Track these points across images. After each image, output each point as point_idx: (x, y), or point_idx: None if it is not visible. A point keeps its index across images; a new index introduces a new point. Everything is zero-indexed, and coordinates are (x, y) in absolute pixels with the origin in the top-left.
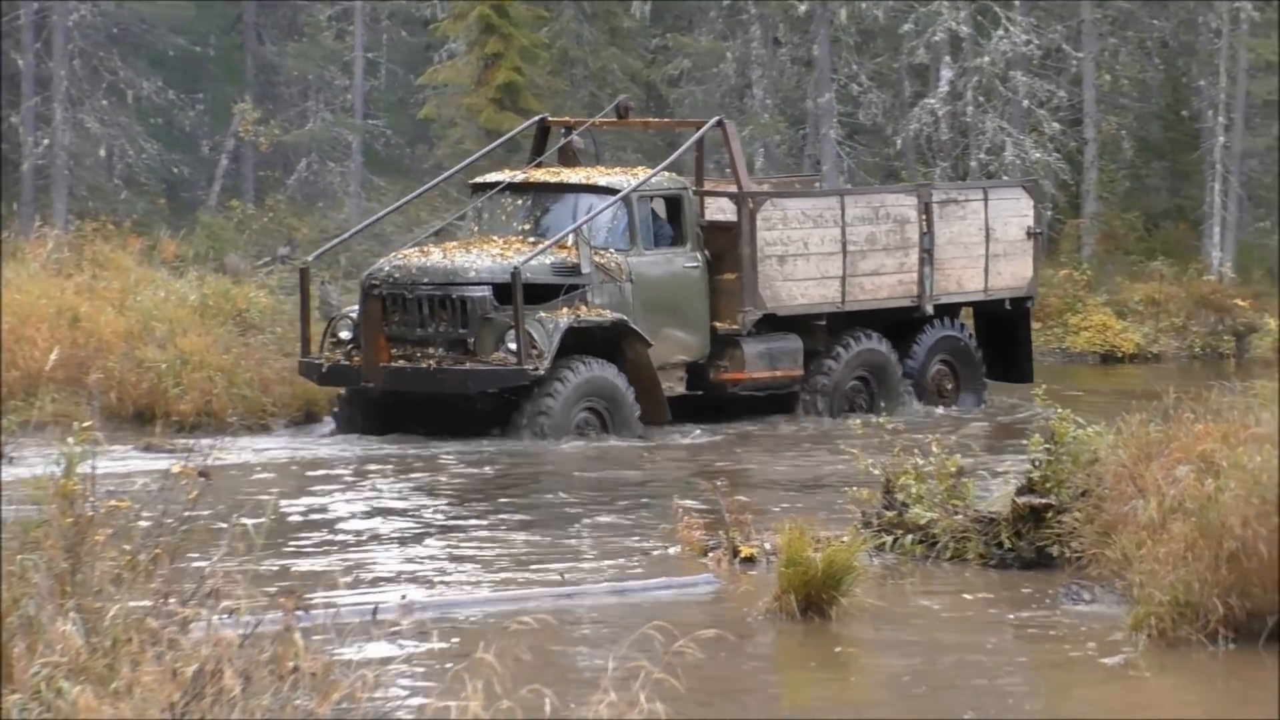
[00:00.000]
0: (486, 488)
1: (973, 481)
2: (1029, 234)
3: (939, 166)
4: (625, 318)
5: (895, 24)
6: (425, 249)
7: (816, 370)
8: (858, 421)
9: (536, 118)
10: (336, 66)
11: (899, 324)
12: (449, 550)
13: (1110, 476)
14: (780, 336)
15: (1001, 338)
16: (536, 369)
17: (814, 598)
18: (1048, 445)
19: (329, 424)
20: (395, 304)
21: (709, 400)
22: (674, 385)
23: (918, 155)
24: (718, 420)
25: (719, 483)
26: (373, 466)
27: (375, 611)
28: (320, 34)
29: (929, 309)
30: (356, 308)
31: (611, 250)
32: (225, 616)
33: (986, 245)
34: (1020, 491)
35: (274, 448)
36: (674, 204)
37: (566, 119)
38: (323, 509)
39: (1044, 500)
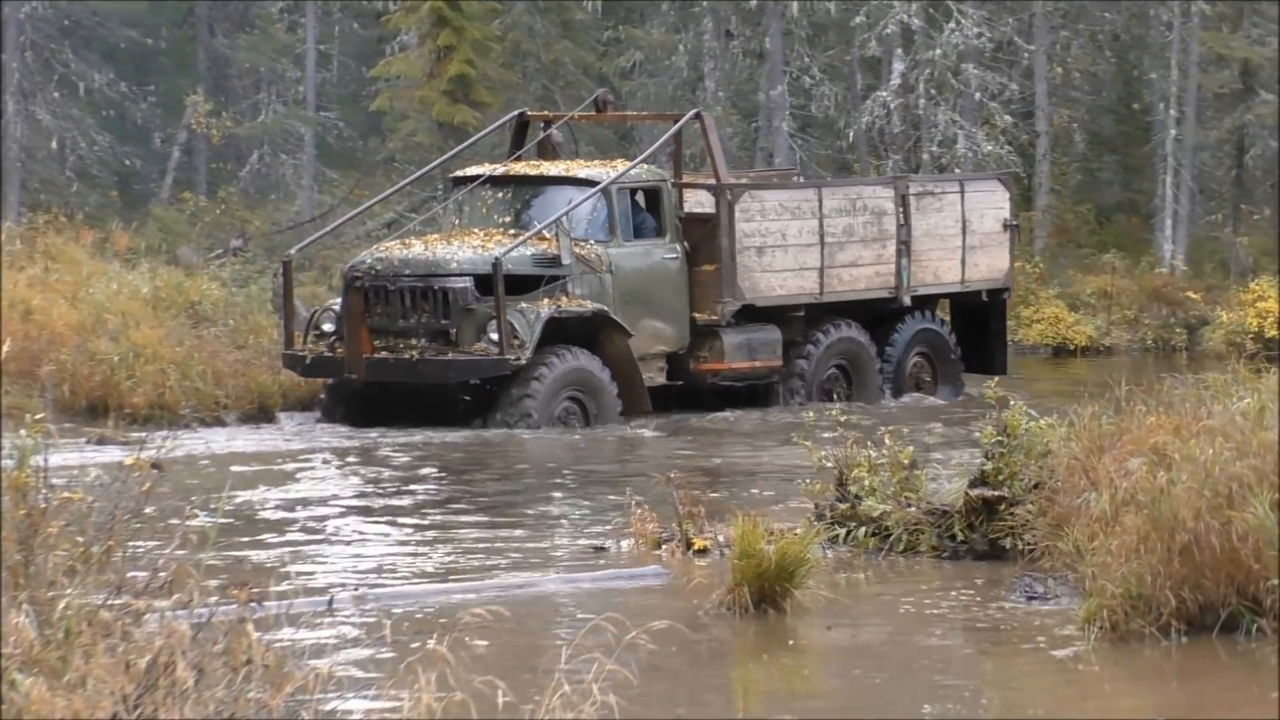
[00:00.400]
0: (448, 478)
1: (925, 474)
2: (1005, 226)
3: (891, 159)
4: (605, 308)
5: (847, 17)
6: (407, 241)
7: (794, 359)
8: (809, 414)
9: (515, 113)
10: (288, 59)
11: (878, 316)
12: (403, 541)
13: (1063, 469)
14: (759, 327)
15: (975, 329)
16: (518, 359)
17: (767, 590)
18: (1000, 438)
19: (293, 418)
20: (378, 296)
21: (686, 391)
22: (654, 376)
23: (870, 148)
24: (695, 410)
25: (671, 475)
26: (339, 457)
27: (331, 603)
28: (272, 26)
29: (907, 300)
30: (339, 300)
31: (591, 242)
32: (181, 610)
33: (963, 237)
34: (973, 484)
35: (245, 439)
36: (653, 196)
37: (545, 113)
38: (284, 500)
39: (996, 493)
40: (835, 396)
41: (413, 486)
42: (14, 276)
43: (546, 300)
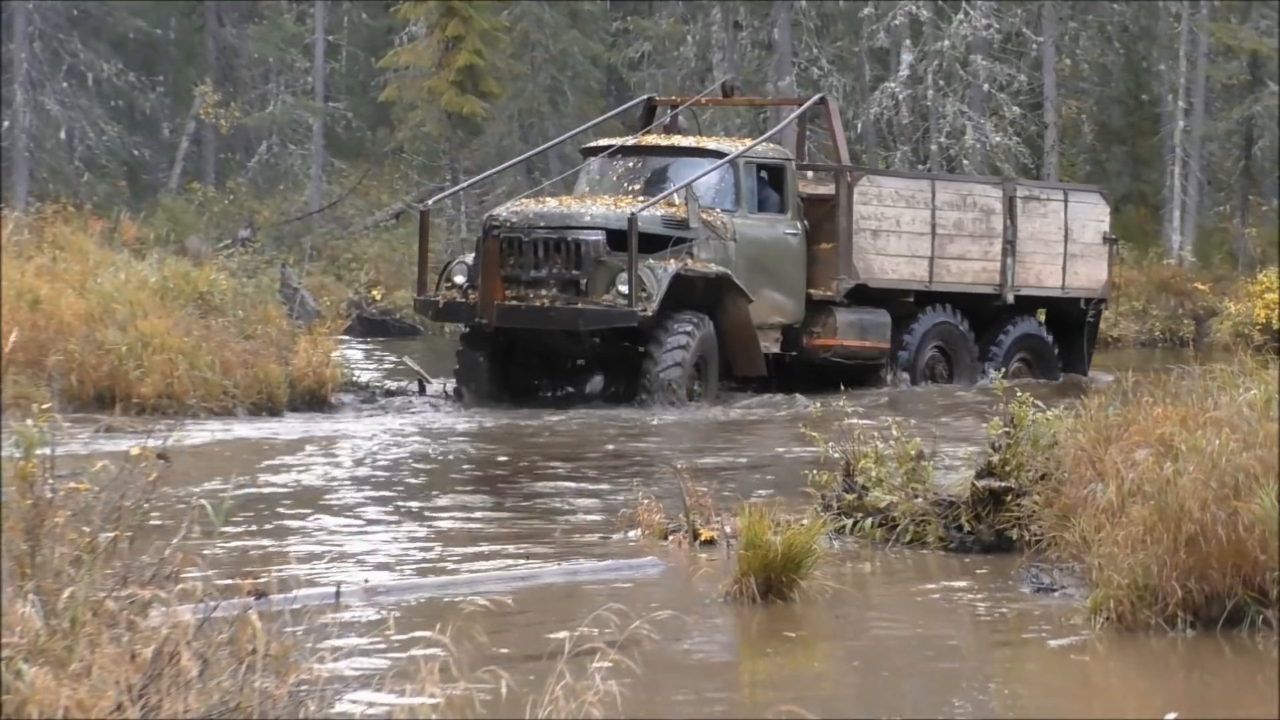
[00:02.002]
0: (470, 464)
1: (931, 464)
2: (1105, 239)
3: (899, 150)
4: (729, 272)
5: (855, 8)
6: (541, 198)
7: (899, 339)
8: (816, 405)
9: (644, 97)
10: (297, 49)
11: (985, 318)
12: (412, 530)
13: (1069, 460)
14: (871, 309)
15: (1065, 332)
16: (645, 310)
17: (774, 580)
18: (1007, 429)
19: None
20: (512, 246)
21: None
22: (770, 346)
23: (878, 139)
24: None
25: (679, 464)
26: (366, 443)
27: (339, 594)
28: (281, 17)
29: (1010, 298)
30: (471, 254)
31: (718, 210)
32: (196, 604)
33: (1065, 244)
34: (980, 475)
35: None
36: (777, 173)
37: (672, 98)
38: (301, 485)
39: (1003, 484)
40: (935, 379)
41: (436, 473)
42: (21, 266)
43: (674, 259)
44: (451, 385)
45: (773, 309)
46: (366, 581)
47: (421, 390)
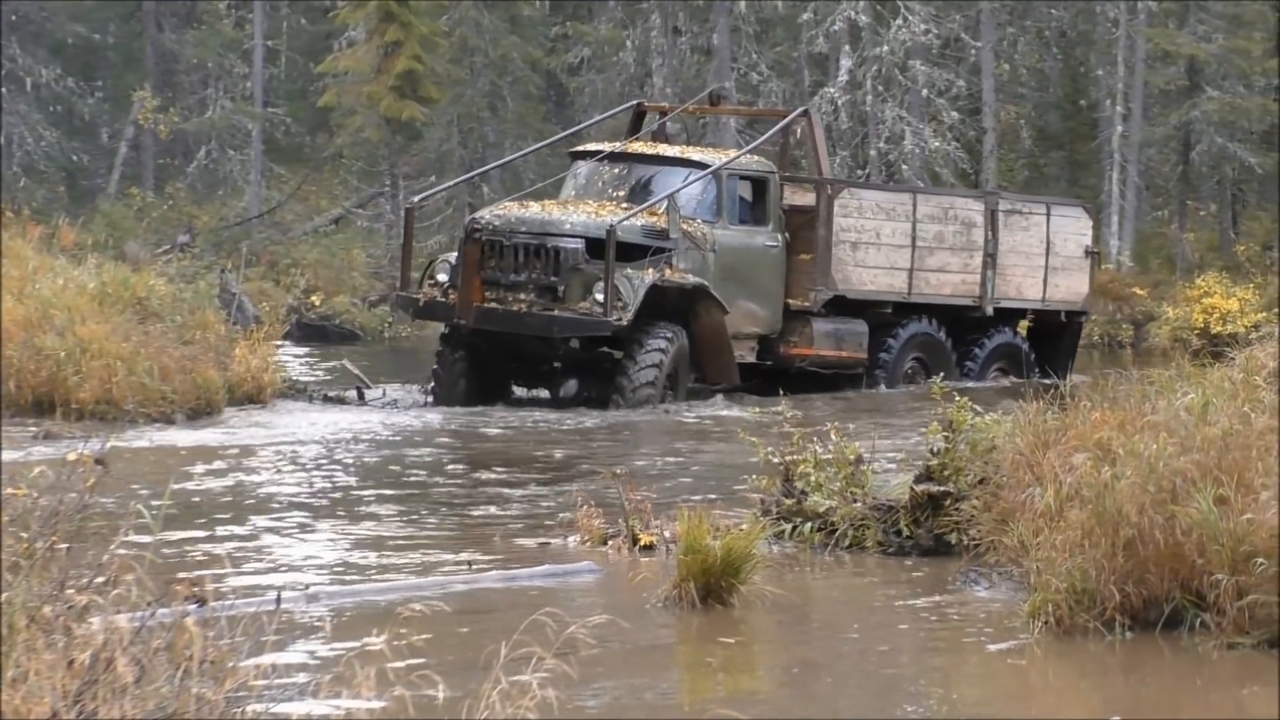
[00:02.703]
0: (415, 468)
1: (871, 469)
2: (1086, 252)
3: (838, 155)
4: (706, 283)
5: (794, 13)
6: (524, 203)
7: (878, 350)
8: (756, 409)
9: (633, 103)
10: (236, 54)
11: (964, 327)
12: (351, 535)
13: (1008, 464)
14: (848, 319)
15: (1044, 343)
16: (620, 320)
17: (713, 585)
18: (946, 433)
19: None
20: (493, 250)
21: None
22: (745, 355)
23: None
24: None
25: (619, 470)
26: (307, 446)
27: (279, 600)
28: (219, 22)
29: (989, 310)
30: (455, 254)
31: (699, 220)
32: (142, 611)
33: (1046, 258)
34: (918, 479)
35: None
36: (760, 185)
37: (661, 105)
38: (238, 490)
39: (942, 488)
40: (914, 386)
41: (383, 475)
42: None
43: (651, 270)
44: (393, 390)
45: (748, 319)
46: (307, 588)
47: (360, 396)
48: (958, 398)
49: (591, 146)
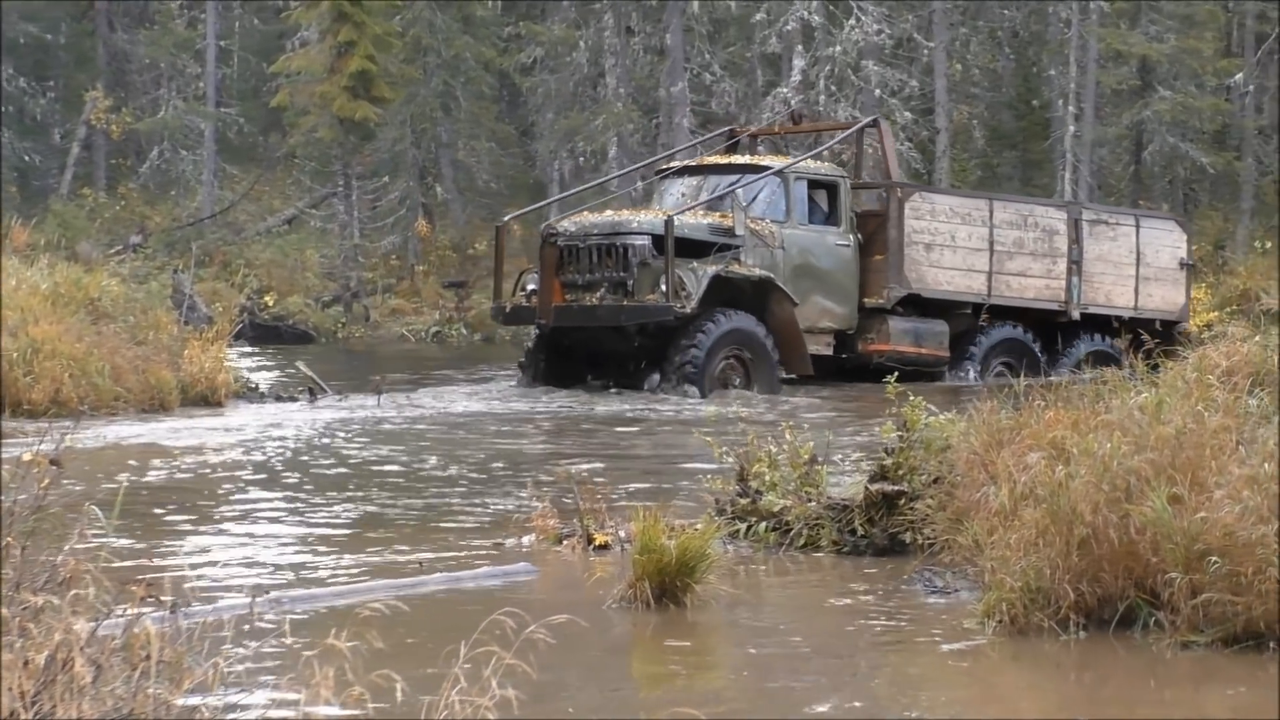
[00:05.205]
0: (376, 466)
1: (825, 469)
2: (1181, 264)
3: (792, 155)
4: (772, 275)
5: (747, 13)
6: (599, 210)
7: (967, 346)
8: (710, 410)
9: (726, 128)
10: (188, 54)
11: (1056, 335)
12: (306, 535)
13: (962, 463)
14: (927, 319)
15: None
16: (684, 308)
17: (668, 585)
18: (900, 432)
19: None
20: (570, 254)
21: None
22: (821, 349)
23: (770, 145)
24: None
25: (573, 469)
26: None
27: (252, 605)
28: (172, 22)
29: (1075, 315)
30: None
31: (768, 220)
32: (104, 613)
33: (1137, 267)
34: (872, 479)
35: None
36: (831, 189)
37: (751, 128)
38: (192, 488)
39: (896, 487)
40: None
41: (341, 473)
42: None
43: (715, 264)
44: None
45: (822, 314)
46: (266, 591)
47: (313, 397)
48: (912, 397)
49: (675, 164)
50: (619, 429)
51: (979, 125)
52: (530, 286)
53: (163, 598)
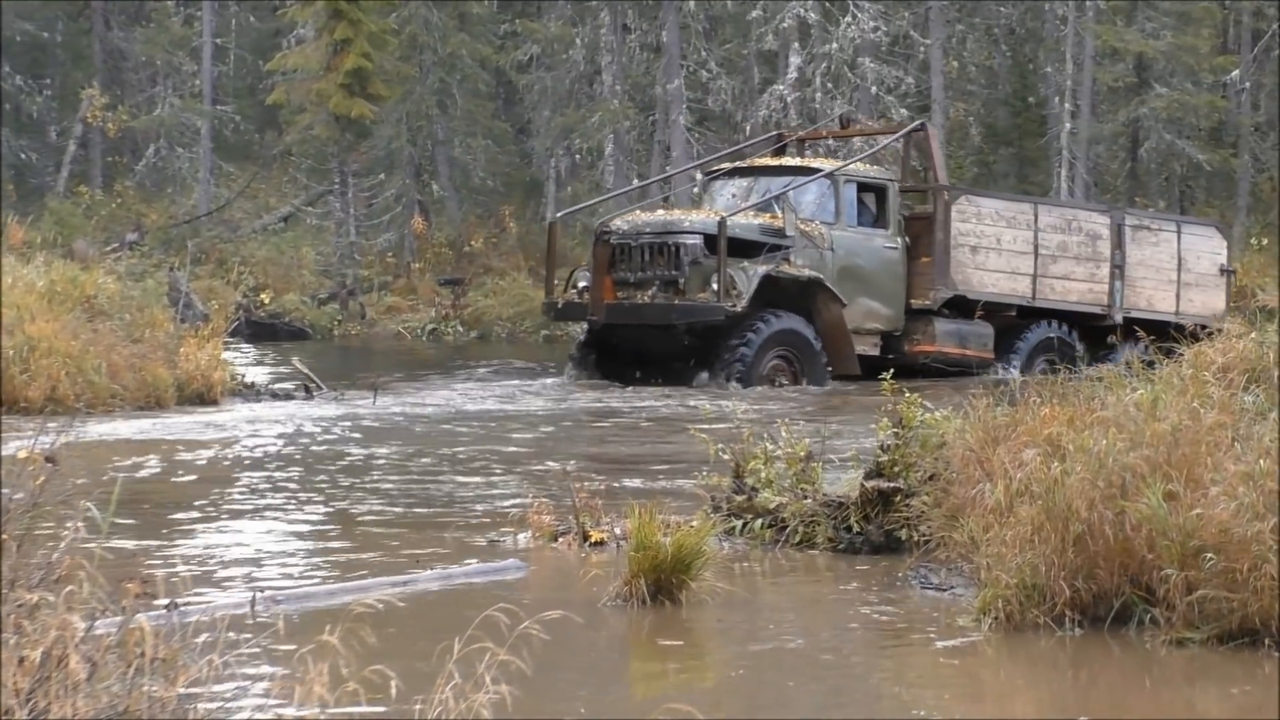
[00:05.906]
0: (377, 462)
1: (821, 465)
2: (1221, 270)
3: (790, 153)
4: (821, 276)
5: (744, 11)
6: (651, 209)
7: (1013, 341)
8: (706, 406)
9: (774, 133)
10: (185, 52)
11: (1101, 339)
12: (301, 531)
13: (958, 460)
14: (972, 321)
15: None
16: (734, 306)
17: (664, 582)
18: (895, 430)
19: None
20: (622, 252)
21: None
22: (868, 349)
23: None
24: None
25: (568, 466)
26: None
27: (253, 603)
28: (168, 19)
29: (1118, 318)
30: None
31: (817, 222)
32: (103, 611)
33: (1179, 273)
34: (868, 476)
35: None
36: (880, 192)
37: (799, 133)
38: (190, 486)
39: (892, 484)
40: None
41: (341, 469)
42: None
43: (765, 264)
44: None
45: (869, 315)
46: (261, 590)
47: (308, 394)
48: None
49: (725, 166)
50: (644, 425)
51: (975, 122)
52: (582, 283)
53: (157, 595)
